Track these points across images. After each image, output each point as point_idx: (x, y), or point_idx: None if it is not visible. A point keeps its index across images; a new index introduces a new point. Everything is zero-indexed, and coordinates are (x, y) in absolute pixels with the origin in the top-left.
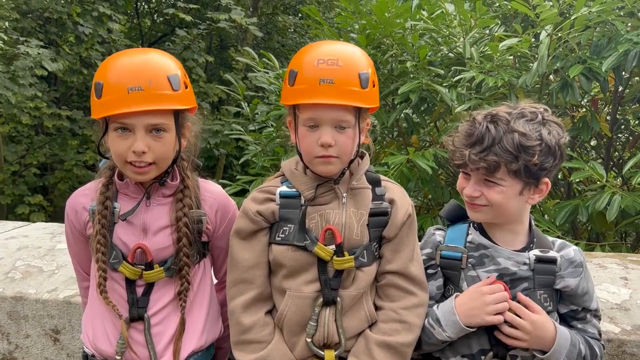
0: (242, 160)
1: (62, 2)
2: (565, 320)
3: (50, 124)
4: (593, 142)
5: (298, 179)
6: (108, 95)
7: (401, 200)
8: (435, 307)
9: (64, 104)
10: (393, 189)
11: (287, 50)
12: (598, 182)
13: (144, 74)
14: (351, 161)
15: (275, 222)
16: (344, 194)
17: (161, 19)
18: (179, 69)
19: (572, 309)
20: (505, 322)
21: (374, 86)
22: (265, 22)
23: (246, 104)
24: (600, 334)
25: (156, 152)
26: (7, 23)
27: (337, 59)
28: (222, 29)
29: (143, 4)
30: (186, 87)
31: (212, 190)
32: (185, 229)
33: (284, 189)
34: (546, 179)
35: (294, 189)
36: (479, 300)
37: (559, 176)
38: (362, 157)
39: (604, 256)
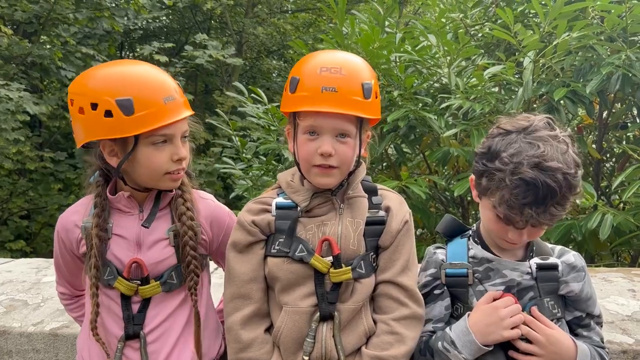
0: (232, 195)
1: (45, 47)
2: (570, 327)
3: (33, 166)
4: (580, 171)
5: (295, 190)
6: (145, 109)
7: (397, 208)
8: (447, 329)
9: (48, 148)
10: (390, 197)
11: (272, 93)
12: (588, 201)
13: (167, 83)
14: (350, 173)
15: (271, 234)
16: (341, 204)
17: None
18: (175, 82)
19: (577, 315)
20: (520, 337)
21: (376, 97)
22: (250, 66)
23: (236, 138)
24: (603, 341)
25: (187, 158)
26: None
27: (341, 68)
28: (200, 65)
29: (127, 52)
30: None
31: (204, 201)
32: (190, 222)
33: (280, 200)
34: None
35: (290, 200)
36: (494, 316)
37: None
38: (358, 166)
39: (607, 271)
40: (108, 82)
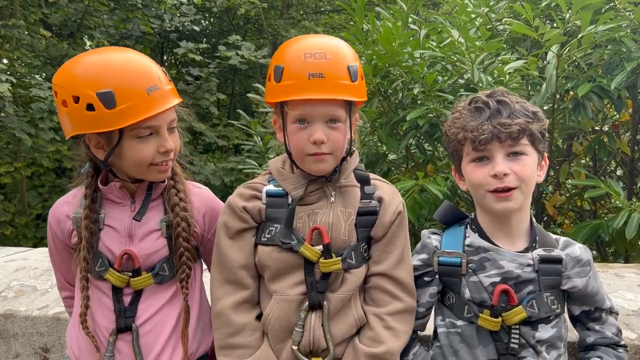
0: None
1: (81, 46)
2: (581, 322)
3: (70, 165)
4: (620, 172)
5: (285, 177)
6: (128, 102)
7: (390, 199)
8: None
9: None
10: (383, 187)
11: None
12: (618, 203)
13: (151, 72)
14: (343, 158)
15: (262, 222)
16: (333, 193)
17: (186, 69)
18: (161, 68)
19: (585, 309)
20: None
21: (362, 79)
22: None
23: (259, 138)
24: (620, 331)
25: (175, 148)
26: (23, 69)
27: (325, 52)
28: (234, 66)
29: (171, 56)
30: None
31: (198, 192)
32: (184, 213)
33: (270, 187)
34: (545, 154)
35: (280, 188)
36: None
37: (587, 207)
38: (350, 155)
39: (621, 267)
40: (89, 73)
